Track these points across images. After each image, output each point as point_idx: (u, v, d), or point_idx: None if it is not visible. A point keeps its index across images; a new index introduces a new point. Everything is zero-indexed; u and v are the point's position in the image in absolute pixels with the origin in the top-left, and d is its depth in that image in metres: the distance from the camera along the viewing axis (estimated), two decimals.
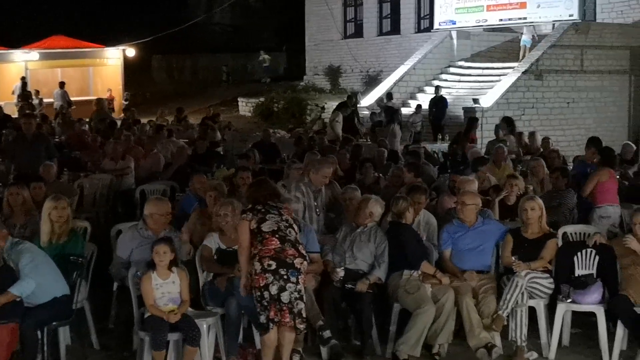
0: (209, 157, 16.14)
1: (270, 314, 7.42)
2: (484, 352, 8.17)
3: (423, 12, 33.81)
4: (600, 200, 11.19)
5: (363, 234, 8.86)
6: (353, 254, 8.78)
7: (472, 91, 26.84)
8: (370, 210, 8.89)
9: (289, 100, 33.07)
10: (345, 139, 19.22)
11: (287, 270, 7.44)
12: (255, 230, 7.63)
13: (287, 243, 7.58)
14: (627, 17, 27.67)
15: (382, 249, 8.79)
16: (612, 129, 26.09)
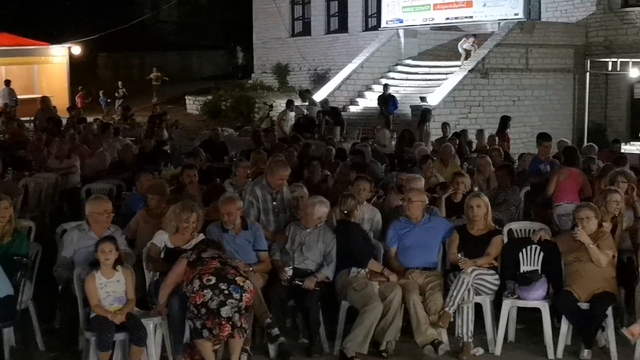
0: (156, 156, 16.02)
1: (206, 323, 7.39)
2: (431, 348, 8.22)
3: (370, 11, 33.90)
4: (559, 198, 11.35)
5: (312, 235, 8.84)
6: (302, 254, 8.76)
7: (419, 89, 26.96)
8: (318, 215, 8.84)
9: (237, 98, 32.96)
10: (294, 138, 19.19)
11: (229, 286, 7.41)
12: (194, 260, 7.64)
13: (227, 266, 7.62)
14: (572, 16, 28.02)
15: (330, 248, 8.80)
16: (557, 126, 26.38)
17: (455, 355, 8.38)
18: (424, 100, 24.40)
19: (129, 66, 47.96)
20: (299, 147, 16.26)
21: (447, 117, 23.71)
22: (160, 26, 50.13)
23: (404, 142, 19.48)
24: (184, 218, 8.29)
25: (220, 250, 8.02)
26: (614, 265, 8.60)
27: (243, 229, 8.67)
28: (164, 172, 13.12)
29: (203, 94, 36.26)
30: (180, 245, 8.29)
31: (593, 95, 25.25)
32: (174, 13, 49.84)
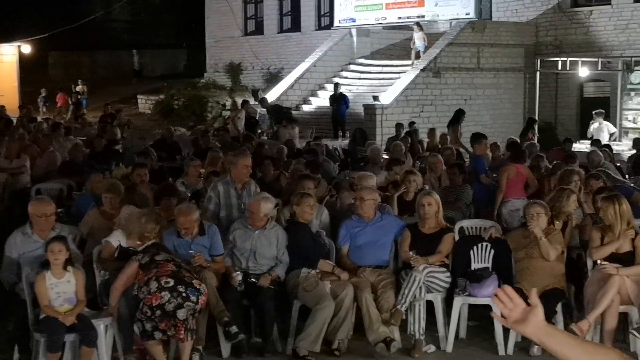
0: (107, 155, 15.91)
1: (160, 325, 7.35)
2: (383, 346, 8.25)
3: (323, 10, 33.92)
4: (507, 194, 11.46)
5: (263, 237, 8.77)
6: (256, 261, 8.72)
7: (372, 88, 27.02)
8: (264, 212, 8.79)
9: (189, 97, 32.80)
10: (246, 137, 19.16)
11: (186, 289, 7.38)
12: (146, 263, 7.58)
13: (182, 269, 7.58)
14: (522, 15, 28.28)
15: (283, 247, 8.79)
16: (508, 125, 26.62)
17: (407, 352, 8.43)
18: (377, 99, 24.48)
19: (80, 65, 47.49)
20: (252, 146, 16.23)
21: (399, 116, 23.82)
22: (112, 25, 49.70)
23: (356, 140, 19.57)
24: (148, 228, 8.20)
25: (171, 254, 7.97)
26: (563, 262, 8.71)
27: (200, 234, 8.57)
28: (114, 172, 13.04)
29: (155, 93, 36.04)
30: (135, 246, 8.22)
31: (543, 94, 25.52)
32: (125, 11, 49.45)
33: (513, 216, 10.89)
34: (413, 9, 28.36)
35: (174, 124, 27.07)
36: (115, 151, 17.11)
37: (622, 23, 25.97)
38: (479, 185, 12.21)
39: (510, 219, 10.85)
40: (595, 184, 10.49)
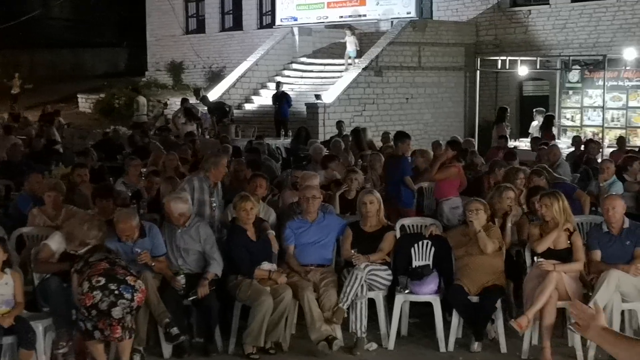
0: (46, 155, 15.72)
1: (98, 324, 7.29)
2: (325, 344, 8.26)
3: (265, 8, 33.85)
4: (445, 193, 11.55)
5: (186, 236, 8.71)
6: (185, 260, 8.68)
7: (314, 87, 27.05)
8: (178, 212, 8.69)
9: (130, 96, 32.51)
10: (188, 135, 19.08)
11: (119, 286, 7.26)
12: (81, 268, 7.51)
13: (117, 265, 7.48)
14: (462, 15, 28.53)
15: (210, 243, 8.68)
16: (450, 123, 26.88)
17: (350, 350, 8.46)
18: (319, 98, 24.51)
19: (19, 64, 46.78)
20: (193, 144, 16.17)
21: (341, 114, 23.88)
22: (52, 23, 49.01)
23: (299, 139, 19.58)
24: (91, 235, 8.11)
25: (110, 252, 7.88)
26: (502, 259, 8.81)
27: (141, 236, 8.47)
28: (54, 172, 12.90)
29: (96, 92, 35.66)
30: (75, 250, 8.13)
31: (483, 93, 25.72)
32: (65, 9, 48.83)
33: (454, 214, 10.98)
34: (354, 8, 28.44)
35: (115, 123, 26.84)
36: (54, 151, 16.91)
37: (560, 22, 26.35)
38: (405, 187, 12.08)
39: (452, 216, 10.94)
40: (538, 181, 10.61)
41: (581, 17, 25.94)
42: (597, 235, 8.68)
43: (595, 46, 25.32)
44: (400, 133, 12.98)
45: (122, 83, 36.07)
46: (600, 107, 22.11)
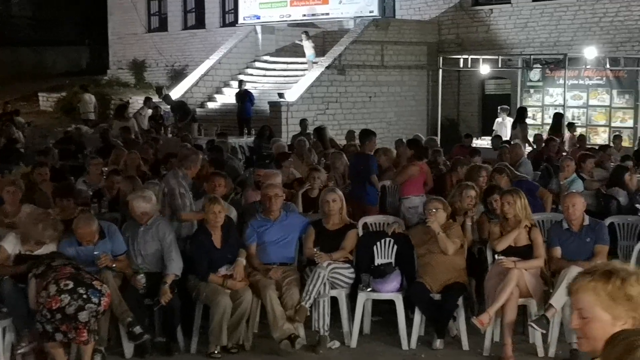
0: (6, 154, 15.56)
1: (61, 327, 7.22)
2: (288, 343, 8.25)
3: (228, 7, 33.74)
4: (406, 191, 11.57)
5: (146, 234, 8.66)
6: (143, 259, 8.64)
7: (277, 85, 27.02)
8: (140, 211, 8.66)
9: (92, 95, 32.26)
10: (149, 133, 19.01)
11: (87, 290, 7.25)
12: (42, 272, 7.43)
13: (81, 270, 7.45)
14: (425, 14, 28.62)
15: (168, 242, 8.60)
16: (412, 122, 26.95)
17: (312, 349, 8.45)
18: (282, 96, 24.49)
19: None
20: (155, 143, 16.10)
21: (305, 113, 23.87)
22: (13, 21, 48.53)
23: (262, 138, 19.54)
24: (46, 235, 8.04)
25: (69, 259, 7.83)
26: (464, 257, 8.85)
27: (100, 238, 8.39)
28: (14, 171, 12.77)
29: (57, 90, 35.36)
30: (31, 250, 8.06)
31: (446, 92, 25.88)
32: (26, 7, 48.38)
33: (412, 213, 11.03)
34: (317, 7, 28.45)
35: (76, 122, 26.63)
36: (15, 150, 16.74)
37: (521, 21, 26.53)
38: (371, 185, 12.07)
39: (409, 215, 10.97)
40: (500, 179, 10.68)
41: (542, 16, 26.14)
42: (558, 233, 8.75)
43: (556, 45, 25.52)
44: (365, 131, 12.98)
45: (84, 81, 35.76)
46: (561, 105, 22.29)
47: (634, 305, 3.12)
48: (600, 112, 22.67)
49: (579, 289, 3.17)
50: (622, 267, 3.23)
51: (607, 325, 3.10)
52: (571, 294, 3.21)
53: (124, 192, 10.31)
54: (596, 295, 3.13)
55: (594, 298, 3.13)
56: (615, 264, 3.26)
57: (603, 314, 3.13)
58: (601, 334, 3.06)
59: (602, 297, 3.12)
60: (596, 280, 3.14)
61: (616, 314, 3.11)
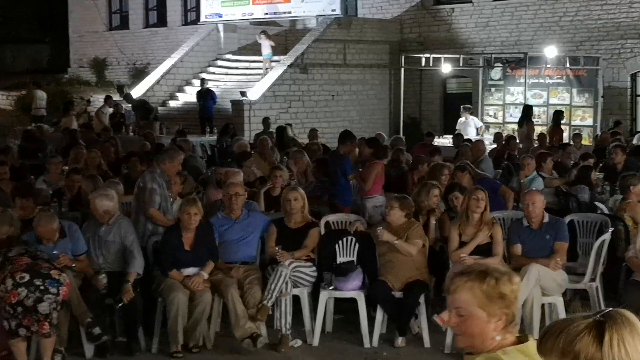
0: None
1: (23, 321, 7.16)
2: (250, 342, 8.24)
3: (190, 5, 33.58)
4: (372, 190, 11.60)
5: (107, 233, 8.62)
6: (105, 258, 8.59)
7: (239, 84, 26.96)
8: (103, 210, 8.61)
9: (52, 93, 31.98)
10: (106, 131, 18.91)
11: (44, 281, 7.20)
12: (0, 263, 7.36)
13: (39, 260, 7.38)
14: (387, 12, 28.69)
15: (130, 241, 8.58)
16: (375, 120, 27.01)
17: (274, 347, 8.46)
18: (244, 95, 24.43)
19: None
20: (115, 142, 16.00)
21: (267, 111, 23.85)
22: None
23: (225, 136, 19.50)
24: (2, 232, 7.96)
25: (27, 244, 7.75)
26: (425, 255, 8.88)
27: (61, 237, 8.31)
28: None
29: (17, 88, 34.99)
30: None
31: (408, 90, 25.95)
32: None
33: (377, 211, 11.06)
34: (280, 5, 28.41)
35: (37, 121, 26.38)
36: None
37: (482, 21, 26.69)
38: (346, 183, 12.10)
39: (374, 214, 11.01)
40: (461, 176, 10.73)
41: (503, 15, 26.31)
42: (518, 230, 8.83)
43: (516, 44, 25.71)
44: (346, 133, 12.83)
45: (45, 80, 35.43)
46: (522, 104, 22.44)
47: (507, 303, 3.33)
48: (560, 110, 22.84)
49: (457, 289, 3.35)
50: (496, 267, 3.46)
51: (482, 322, 3.31)
52: (449, 293, 3.38)
53: (85, 191, 10.24)
54: (473, 294, 3.31)
55: (471, 297, 3.31)
56: (489, 265, 3.48)
57: (479, 312, 3.31)
58: (477, 331, 3.31)
59: (479, 296, 3.31)
60: (472, 281, 3.33)
61: (491, 311, 3.31)
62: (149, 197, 9.19)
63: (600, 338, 2.54)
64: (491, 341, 3.33)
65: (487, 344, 3.33)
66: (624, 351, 2.52)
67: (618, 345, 2.52)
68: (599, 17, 24.49)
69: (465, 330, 3.35)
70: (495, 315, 3.32)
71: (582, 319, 2.61)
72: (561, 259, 8.50)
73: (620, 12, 24.13)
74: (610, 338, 2.53)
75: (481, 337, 3.33)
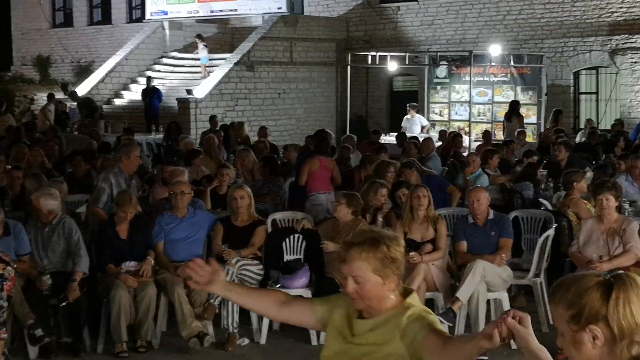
0: None
1: None
2: (196, 341, 8.22)
3: (134, 2, 33.34)
4: (313, 188, 11.58)
5: (52, 234, 8.53)
6: (50, 259, 8.49)
7: (185, 82, 26.80)
8: (47, 209, 8.51)
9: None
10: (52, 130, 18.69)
11: None
12: None
13: None
14: (333, 10, 28.75)
15: (76, 240, 8.50)
16: (321, 118, 27.04)
17: (222, 346, 8.44)
18: (190, 93, 24.29)
19: None
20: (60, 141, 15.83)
21: (214, 109, 23.77)
22: None
23: (170, 134, 19.39)
24: None
25: None
26: None
27: (5, 234, 8.20)
28: None
29: None
30: None
31: (355, 88, 26.02)
32: None
33: (317, 210, 11.07)
34: (225, 3, 28.31)
35: None
36: None
37: (428, 19, 26.87)
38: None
39: (315, 213, 11.00)
40: (409, 173, 10.79)
41: (448, 13, 26.52)
42: (463, 227, 8.90)
43: (462, 42, 25.93)
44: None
45: None
46: (467, 102, 22.64)
47: (398, 264, 3.63)
48: (504, 108, 23.06)
49: (353, 259, 3.58)
50: (385, 233, 3.74)
51: (379, 285, 3.57)
52: (344, 263, 3.61)
53: (29, 190, 10.10)
54: (368, 262, 3.56)
55: (366, 265, 3.56)
56: (377, 231, 3.79)
57: (375, 277, 3.57)
58: (375, 294, 3.58)
59: (373, 263, 3.56)
60: (367, 250, 3.57)
61: (385, 275, 3.57)
62: (95, 195, 9.24)
63: (607, 296, 2.69)
64: (387, 300, 3.62)
65: (384, 303, 3.62)
66: (628, 310, 2.67)
67: (624, 304, 2.67)
68: (542, 16, 24.81)
69: (364, 295, 3.58)
70: (389, 277, 3.58)
71: (593, 276, 2.77)
72: (506, 255, 8.60)
73: (563, 11, 24.47)
74: (617, 297, 2.68)
75: (378, 299, 3.60)
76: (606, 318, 2.68)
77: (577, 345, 2.73)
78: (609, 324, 2.67)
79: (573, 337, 2.74)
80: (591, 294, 2.71)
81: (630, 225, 8.41)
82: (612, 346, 2.69)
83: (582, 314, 2.71)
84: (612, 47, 23.77)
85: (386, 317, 3.60)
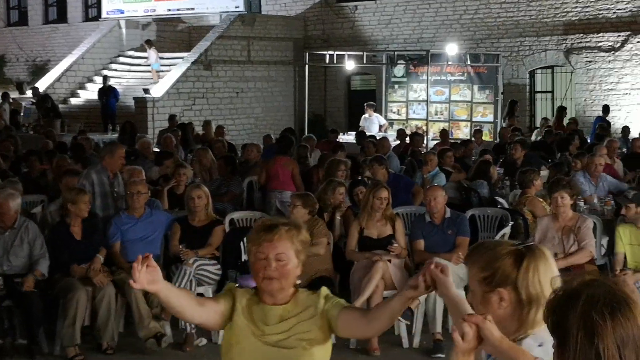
0: None
1: None
2: (154, 341, 8.19)
3: (91, 1, 33.09)
4: (276, 185, 11.59)
5: (14, 237, 8.42)
6: (10, 262, 8.37)
7: (142, 81, 26.65)
8: (14, 210, 8.43)
9: None
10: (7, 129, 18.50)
11: None
12: None
13: None
14: (290, 9, 28.74)
15: (40, 243, 8.45)
16: (280, 117, 27.04)
17: (179, 346, 8.40)
18: (147, 92, 24.17)
19: None
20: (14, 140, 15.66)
21: (171, 109, 23.66)
22: None
23: (125, 134, 19.28)
24: None
25: None
26: (330, 252, 8.92)
27: None
28: None
29: None
30: None
31: (313, 87, 26.03)
32: None
33: (286, 207, 11.07)
34: (183, 2, 28.17)
35: None
36: None
37: (385, 18, 26.94)
38: None
39: (283, 209, 11.02)
40: (378, 169, 10.82)
41: (405, 13, 26.61)
42: (420, 226, 8.94)
43: (419, 41, 26.04)
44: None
45: None
46: (424, 100, 22.74)
47: (306, 247, 3.78)
48: (461, 107, 23.22)
49: (280, 237, 3.67)
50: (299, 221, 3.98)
51: (295, 267, 3.70)
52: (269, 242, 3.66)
53: None
54: (292, 242, 3.70)
55: (290, 244, 3.69)
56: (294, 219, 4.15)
57: (294, 258, 3.69)
58: (291, 274, 3.68)
59: (296, 244, 3.70)
60: (292, 231, 3.71)
61: (300, 258, 3.72)
62: None
63: (519, 264, 2.98)
64: (291, 287, 3.73)
65: (289, 289, 3.72)
66: (537, 279, 2.96)
67: (533, 272, 2.97)
68: (498, 15, 24.98)
69: (283, 274, 3.65)
70: (301, 261, 3.73)
71: (509, 245, 3.07)
72: (463, 254, 8.64)
73: (519, 11, 24.66)
74: (527, 265, 2.98)
75: (289, 280, 3.70)
76: (515, 283, 2.95)
77: (485, 304, 2.99)
78: (517, 289, 2.95)
79: (482, 296, 3.00)
80: (504, 260, 2.99)
81: (585, 223, 8.51)
82: (516, 308, 2.96)
83: (494, 276, 2.97)
84: (567, 47, 24.00)
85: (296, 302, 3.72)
